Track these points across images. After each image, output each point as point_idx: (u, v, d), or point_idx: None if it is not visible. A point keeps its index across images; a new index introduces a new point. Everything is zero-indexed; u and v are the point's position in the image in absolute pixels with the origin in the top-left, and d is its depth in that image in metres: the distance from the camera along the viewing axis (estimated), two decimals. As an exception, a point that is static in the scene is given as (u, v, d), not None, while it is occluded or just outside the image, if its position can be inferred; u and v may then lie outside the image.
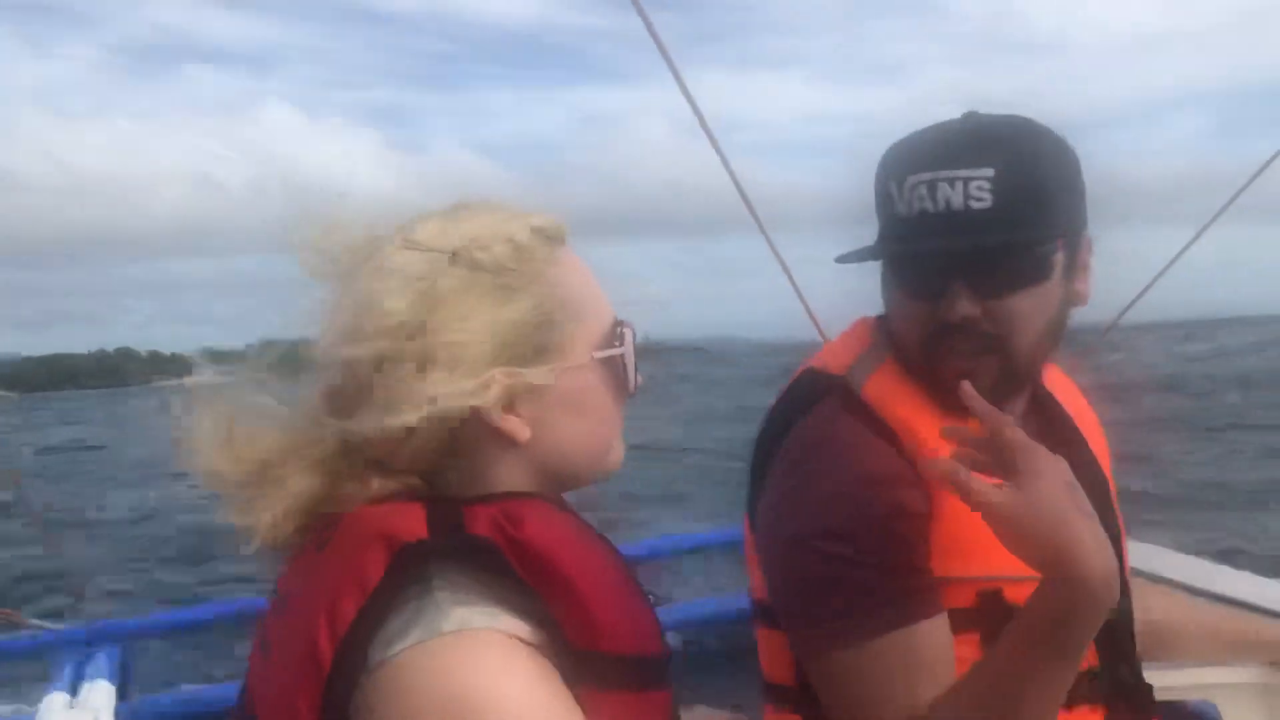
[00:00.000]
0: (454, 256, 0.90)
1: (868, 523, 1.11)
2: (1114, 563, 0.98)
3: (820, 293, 3.07)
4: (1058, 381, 1.35)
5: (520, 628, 0.83)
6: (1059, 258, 1.15)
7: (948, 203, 1.09)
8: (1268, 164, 2.43)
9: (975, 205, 1.09)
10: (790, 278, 3.16)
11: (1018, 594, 1.10)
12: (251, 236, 1.35)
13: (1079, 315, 1.23)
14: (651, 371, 1.03)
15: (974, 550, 1.12)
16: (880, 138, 1.23)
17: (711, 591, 3.78)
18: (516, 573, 0.84)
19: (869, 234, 1.25)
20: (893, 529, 1.11)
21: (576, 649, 0.84)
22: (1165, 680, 1.43)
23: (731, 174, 3.46)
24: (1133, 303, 2.70)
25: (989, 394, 1.07)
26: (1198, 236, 2.58)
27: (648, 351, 1.02)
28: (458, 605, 0.82)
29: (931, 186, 1.10)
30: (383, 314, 0.88)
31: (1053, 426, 1.30)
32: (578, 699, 0.83)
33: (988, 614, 1.13)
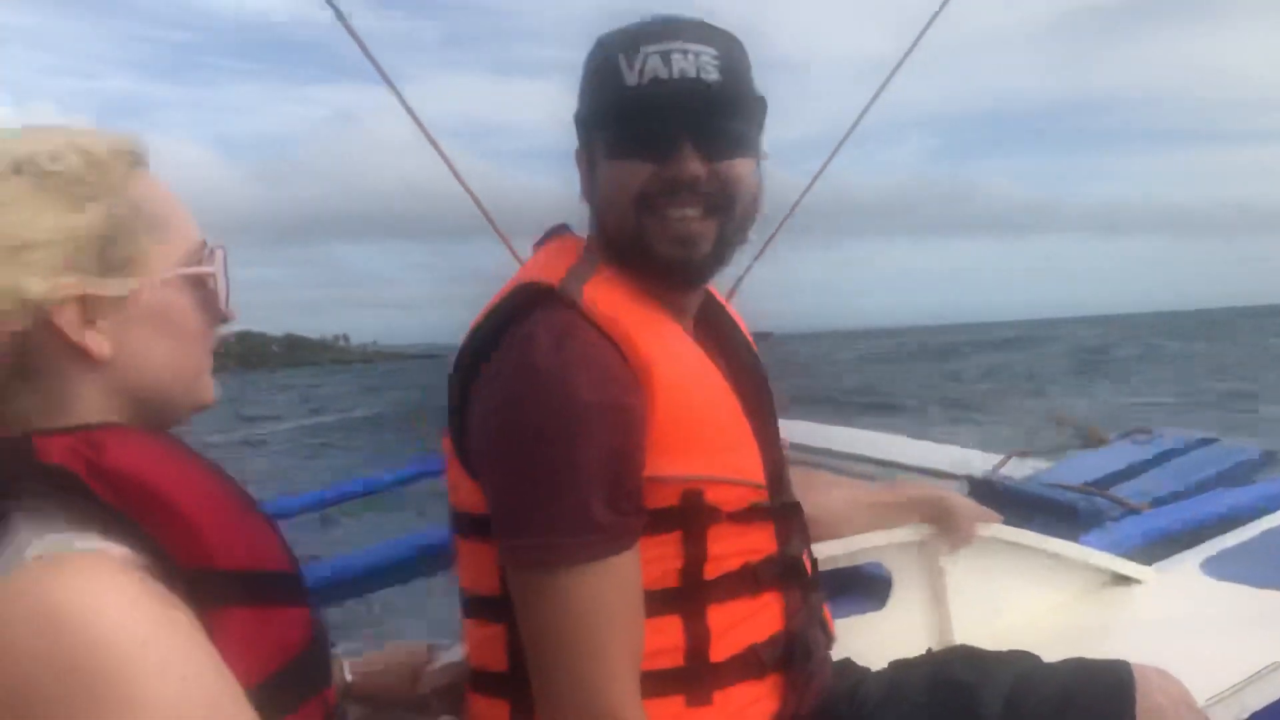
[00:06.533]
0: (18, 165, 0.86)
1: (590, 433, 1.09)
2: None
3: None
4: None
5: (118, 551, 0.80)
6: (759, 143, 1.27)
7: (682, 71, 1.15)
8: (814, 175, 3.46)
9: (706, 77, 1.16)
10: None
11: (717, 495, 1.17)
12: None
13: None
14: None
15: (681, 450, 1.15)
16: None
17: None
18: (101, 498, 0.80)
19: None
20: (614, 443, 1.10)
21: (186, 568, 0.82)
22: (839, 550, 1.66)
23: (458, 177, 3.51)
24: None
25: (707, 261, 1.21)
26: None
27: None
28: (42, 534, 0.78)
29: (665, 56, 1.15)
30: None
31: (719, 329, 1.40)
32: (200, 619, 0.80)
33: (690, 514, 1.17)
